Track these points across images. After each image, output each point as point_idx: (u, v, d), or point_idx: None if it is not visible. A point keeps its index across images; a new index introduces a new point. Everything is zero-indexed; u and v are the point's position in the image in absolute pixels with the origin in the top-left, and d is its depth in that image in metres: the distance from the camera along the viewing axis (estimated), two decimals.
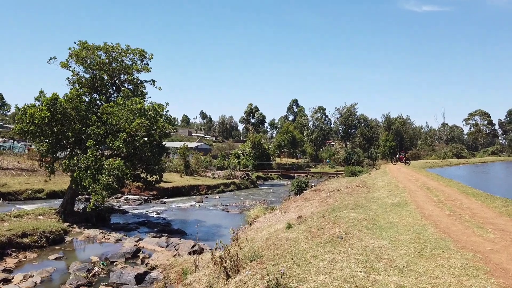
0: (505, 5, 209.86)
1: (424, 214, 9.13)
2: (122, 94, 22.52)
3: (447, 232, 6.95)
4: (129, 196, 38.43)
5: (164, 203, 36.36)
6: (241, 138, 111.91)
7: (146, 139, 21.92)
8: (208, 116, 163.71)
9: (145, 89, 25.68)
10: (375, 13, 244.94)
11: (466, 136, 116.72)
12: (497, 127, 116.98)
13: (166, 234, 21.25)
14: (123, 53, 24.23)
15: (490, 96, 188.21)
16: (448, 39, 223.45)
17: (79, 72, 22.49)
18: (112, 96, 23.81)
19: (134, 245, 17.50)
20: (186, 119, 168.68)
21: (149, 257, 15.68)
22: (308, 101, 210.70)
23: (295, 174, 62.16)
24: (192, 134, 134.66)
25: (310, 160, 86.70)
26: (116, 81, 23.91)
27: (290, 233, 8.05)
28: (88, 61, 22.16)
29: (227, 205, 35.09)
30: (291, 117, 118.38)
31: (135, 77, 25.24)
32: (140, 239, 19.05)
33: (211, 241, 21.57)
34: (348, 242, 6.27)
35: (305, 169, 72.73)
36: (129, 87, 25.40)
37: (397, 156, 50.42)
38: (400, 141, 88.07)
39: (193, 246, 16.88)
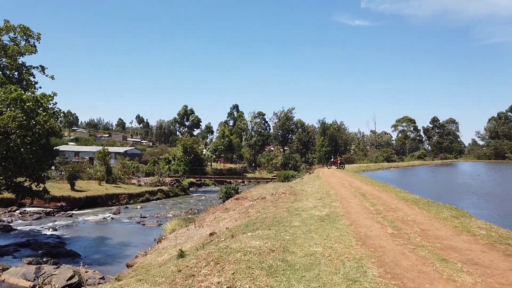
0: (426, 22, 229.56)
1: (360, 236, 6.34)
2: None
3: (398, 276, 4.12)
4: (28, 209, 32.28)
5: (71, 216, 30.93)
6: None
7: (29, 138, 17.10)
8: (145, 120, 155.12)
9: (33, 77, 20.68)
10: (311, 24, 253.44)
11: (394, 141, 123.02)
12: (422, 133, 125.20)
13: (48, 259, 16.64)
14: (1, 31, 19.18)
15: (416, 104, 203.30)
16: (378, 51, 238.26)
17: None
18: None
19: None
20: (121, 123, 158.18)
21: None
22: (250, 107, 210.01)
23: (231, 180, 59.11)
24: (127, 139, 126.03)
25: (248, 165, 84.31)
26: None
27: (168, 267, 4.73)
28: None
29: (146, 217, 30.74)
30: (231, 122, 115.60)
31: (20, 62, 20.26)
32: (4, 269, 14.32)
33: (108, 265, 17.38)
34: None
35: (242, 174, 70.08)
36: (12, 73, 20.32)
37: (331, 160, 49.68)
38: (335, 146, 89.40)
39: (71, 277, 12.72)
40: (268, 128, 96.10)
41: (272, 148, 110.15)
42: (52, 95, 17.71)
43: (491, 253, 5.25)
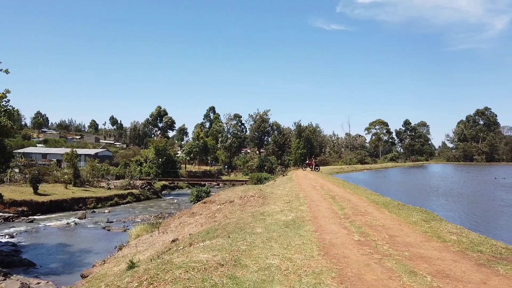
0: (399, 28, 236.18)
1: (324, 244, 5.77)
2: None
3: None
4: None
5: (32, 221, 29.07)
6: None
7: None
8: (119, 122, 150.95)
9: None
10: (288, 28, 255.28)
11: (368, 144, 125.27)
12: (394, 135, 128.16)
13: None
14: None
15: (388, 108, 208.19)
16: (353, 55, 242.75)
17: None
18: None
19: None
20: (94, 125, 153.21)
21: None
22: (227, 109, 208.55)
23: (206, 182, 58.04)
24: (100, 140, 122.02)
25: (223, 168, 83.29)
26: None
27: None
28: None
29: (112, 222, 29.34)
30: (208, 124, 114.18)
31: None
32: None
33: (65, 274, 16.22)
34: None
35: (217, 176, 69.02)
36: None
37: (306, 162, 49.60)
38: (311, 148, 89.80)
39: None
40: (244, 130, 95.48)
41: (249, 151, 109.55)
42: (4, 92, 16.38)
43: (463, 263, 4.80)
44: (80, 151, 79.31)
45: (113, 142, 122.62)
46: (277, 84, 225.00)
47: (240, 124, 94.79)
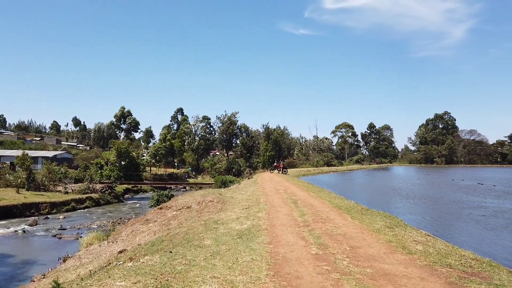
0: (364, 34, 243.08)
1: (276, 260, 4.97)
2: None
3: None
4: None
5: None
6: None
7: None
8: (83, 123, 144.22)
9: None
10: (257, 31, 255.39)
11: (335, 146, 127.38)
12: (360, 138, 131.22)
13: None
14: None
15: (354, 111, 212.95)
16: (320, 59, 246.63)
17: None
18: None
19: None
20: (56, 126, 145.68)
21: None
22: (195, 111, 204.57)
23: (172, 185, 56.25)
24: (62, 142, 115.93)
25: (191, 170, 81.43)
26: None
27: None
28: None
29: (65, 229, 27.26)
30: (175, 126, 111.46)
31: None
32: None
33: None
34: None
35: (184, 179, 67.23)
36: None
37: (274, 164, 49.19)
38: (279, 151, 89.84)
39: None
40: (213, 132, 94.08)
41: (217, 153, 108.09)
42: None
43: (432, 281, 4.15)
44: (38, 153, 74.77)
45: (76, 144, 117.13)
46: (246, 87, 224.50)
47: (208, 126, 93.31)
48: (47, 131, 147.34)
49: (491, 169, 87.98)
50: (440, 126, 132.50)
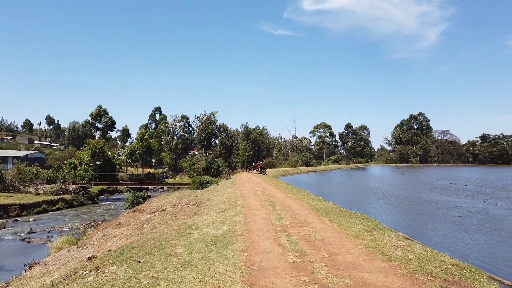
0: (342, 36, 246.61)
1: (251, 270, 4.68)
2: None
3: None
4: None
5: None
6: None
7: None
8: (57, 121, 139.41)
9: None
10: (236, 31, 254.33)
11: (313, 146, 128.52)
12: (337, 138, 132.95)
13: None
14: None
15: (332, 111, 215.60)
16: (299, 60, 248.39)
17: None
18: None
19: None
20: (28, 125, 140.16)
21: None
22: (174, 110, 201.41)
23: (149, 186, 55.01)
24: (35, 142, 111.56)
25: (169, 170, 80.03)
26: None
27: None
28: None
29: (35, 232, 26.04)
30: (153, 125, 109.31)
31: None
32: None
33: None
34: None
35: (162, 179, 65.94)
36: None
37: (252, 164, 48.95)
38: (258, 150, 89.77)
39: None
40: (192, 132, 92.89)
41: (196, 153, 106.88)
42: None
43: None
44: (8, 152, 71.66)
45: (49, 143, 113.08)
46: (225, 87, 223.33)
47: (187, 125, 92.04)
48: (19, 130, 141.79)
49: (463, 169, 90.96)
50: (415, 126, 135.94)
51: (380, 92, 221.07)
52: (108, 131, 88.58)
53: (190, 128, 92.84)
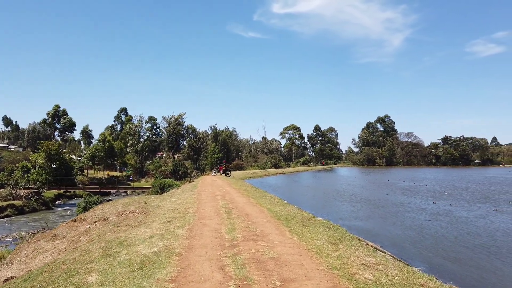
0: (311, 39, 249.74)
1: None
2: None
3: None
4: None
5: None
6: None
7: None
8: (15, 122, 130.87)
9: None
10: (206, 32, 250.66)
11: (283, 148, 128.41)
12: (306, 140, 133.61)
13: None
14: None
15: (301, 113, 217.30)
16: (268, 62, 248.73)
17: None
18: None
19: None
20: None
21: None
22: (141, 111, 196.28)
23: (110, 190, 52.02)
24: None
25: (134, 173, 76.69)
26: None
27: None
28: None
29: None
30: (119, 127, 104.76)
31: None
32: None
33: None
34: None
35: (126, 182, 62.83)
36: None
37: (216, 167, 47.56)
38: (227, 152, 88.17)
39: None
40: (160, 133, 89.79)
41: (164, 155, 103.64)
42: None
43: None
44: None
45: (7, 145, 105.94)
46: (194, 88, 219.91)
47: (155, 127, 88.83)
48: None
49: (427, 170, 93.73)
50: (381, 129, 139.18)
51: (348, 95, 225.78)
52: (67, 132, 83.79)
53: (158, 130, 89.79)
